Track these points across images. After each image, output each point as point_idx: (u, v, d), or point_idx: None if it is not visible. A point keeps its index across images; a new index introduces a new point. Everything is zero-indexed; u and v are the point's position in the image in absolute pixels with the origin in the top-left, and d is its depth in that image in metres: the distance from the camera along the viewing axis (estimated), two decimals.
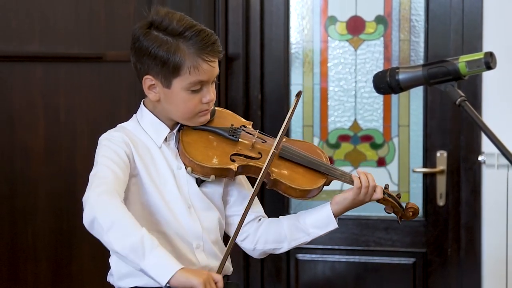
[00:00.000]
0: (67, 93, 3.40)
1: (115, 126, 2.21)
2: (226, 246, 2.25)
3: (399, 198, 2.25)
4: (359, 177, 2.18)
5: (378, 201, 2.22)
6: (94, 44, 3.41)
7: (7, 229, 3.40)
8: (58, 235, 3.43)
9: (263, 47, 3.59)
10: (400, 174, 3.54)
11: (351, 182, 2.19)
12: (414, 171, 3.50)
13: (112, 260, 2.17)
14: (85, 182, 2.12)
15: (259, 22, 3.57)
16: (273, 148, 2.14)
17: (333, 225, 2.21)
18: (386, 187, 2.24)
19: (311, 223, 2.22)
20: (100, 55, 3.39)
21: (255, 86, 3.59)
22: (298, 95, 2.23)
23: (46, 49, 3.38)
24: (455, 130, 3.43)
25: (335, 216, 2.21)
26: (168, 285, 1.87)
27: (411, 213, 2.25)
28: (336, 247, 3.56)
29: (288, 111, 3.57)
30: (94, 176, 2.00)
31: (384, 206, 2.25)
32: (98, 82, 3.42)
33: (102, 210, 1.90)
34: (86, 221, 1.92)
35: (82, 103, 3.41)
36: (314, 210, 2.24)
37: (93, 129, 3.34)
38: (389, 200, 2.22)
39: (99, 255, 3.30)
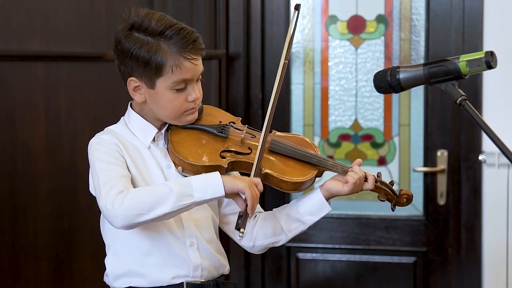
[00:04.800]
0: (68, 92, 3.40)
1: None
2: (222, 245, 2.25)
3: (392, 185, 2.24)
4: (351, 174, 2.16)
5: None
6: (95, 43, 3.41)
7: (8, 227, 3.40)
8: (59, 233, 3.43)
9: (264, 46, 3.59)
10: (400, 173, 3.54)
11: (343, 172, 2.19)
12: (414, 170, 3.50)
13: (108, 261, 2.18)
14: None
15: (260, 21, 3.58)
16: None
17: (327, 208, 2.21)
18: (379, 175, 2.23)
19: (305, 211, 2.21)
20: (101, 54, 3.38)
21: (256, 85, 3.59)
22: (297, 8, 2.21)
23: (47, 47, 3.38)
24: (455, 129, 3.44)
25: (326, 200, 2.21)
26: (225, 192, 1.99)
27: (405, 200, 2.24)
28: (337, 246, 3.56)
29: (288, 110, 3.60)
30: (98, 183, 2.03)
31: (378, 194, 2.24)
32: (99, 81, 3.42)
33: (129, 206, 1.95)
34: (124, 225, 1.97)
35: (83, 101, 3.41)
36: (304, 198, 2.23)
37: (94, 127, 3.30)
38: (382, 187, 2.21)
39: (100, 253, 3.30)
